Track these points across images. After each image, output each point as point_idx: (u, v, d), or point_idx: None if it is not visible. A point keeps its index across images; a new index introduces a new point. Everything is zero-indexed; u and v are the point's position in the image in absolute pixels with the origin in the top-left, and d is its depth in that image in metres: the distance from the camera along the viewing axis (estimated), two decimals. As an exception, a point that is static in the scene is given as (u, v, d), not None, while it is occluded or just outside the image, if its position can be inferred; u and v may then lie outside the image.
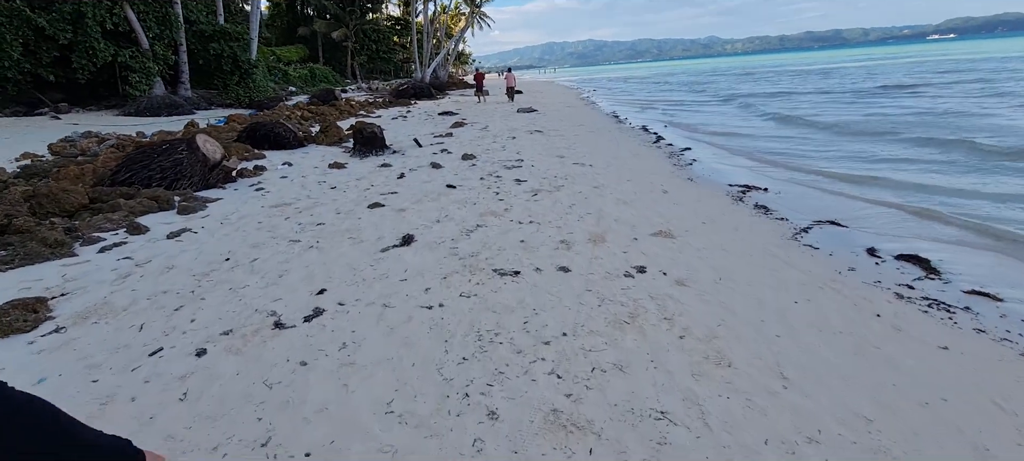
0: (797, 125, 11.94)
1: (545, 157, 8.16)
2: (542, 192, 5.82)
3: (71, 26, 15.98)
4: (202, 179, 6.53)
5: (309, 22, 43.12)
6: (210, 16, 22.54)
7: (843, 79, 29.35)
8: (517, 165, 7.47)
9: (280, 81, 31.81)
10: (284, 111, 16.92)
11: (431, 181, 6.62)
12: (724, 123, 13.57)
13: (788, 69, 51.26)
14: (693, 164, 7.75)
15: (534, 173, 6.88)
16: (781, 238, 4.27)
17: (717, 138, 10.96)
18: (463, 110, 18.79)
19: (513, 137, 10.63)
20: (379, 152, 9.10)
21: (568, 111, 17.63)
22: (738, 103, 18.40)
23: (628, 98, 27.13)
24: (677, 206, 5.25)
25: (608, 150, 8.93)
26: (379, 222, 4.82)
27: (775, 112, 14.84)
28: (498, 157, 8.26)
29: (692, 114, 16.57)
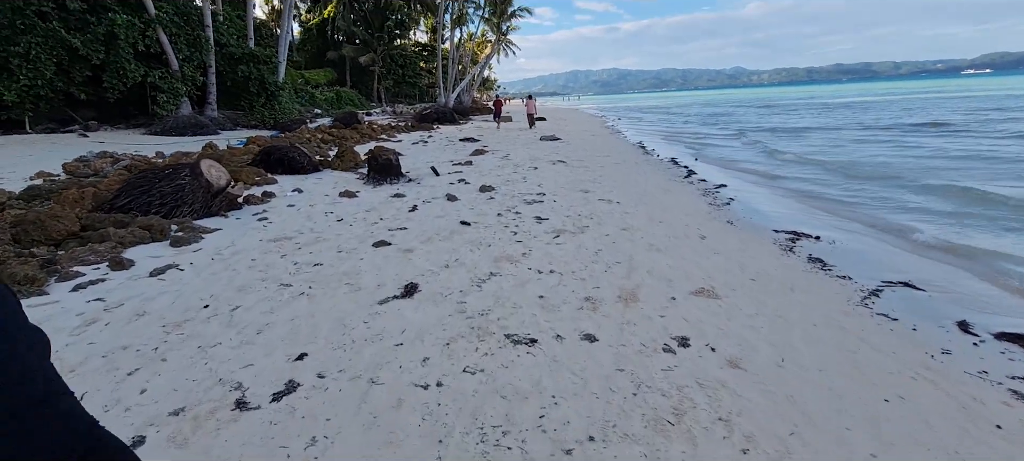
0: (839, 165, 11.12)
1: (568, 191, 7.62)
2: (565, 234, 5.27)
3: (104, 46, 16.35)
4: (204, 206, 6.19)
5: (338, 47, 44.15)
6: (240, 39, 23.04)
7: (880, 113, 28.28)
8: (538, 200, 6.95)
9: (306, 103, 32.34)
10: (305, 133, 16.89)
11: (445, 216, 6.15)
12: (758, 158, 12.85)
13: (820, 102, 50.11)
14: (730, 204, 7.10)
15: (556, 210, 6.35)
16: (848, 303, 3.61)
17: (753, 175, 10.27)
18: (485, 137, 18.50)
19: (535, 167, 10.15)
20: (394, 180, 8.72)
21: (592, 140, 17.16)
22: (771, 137, 17.61)
23: (654, 128, 26.59)
24: (718, 256, 4.62)
25: (636, 185, 8.36)
26: (382, 265, 4.32)
27: (815, 149, 14.01)
28: (518, 190, 7.77)
29: (723, 147, 15.88)
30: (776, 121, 24.78)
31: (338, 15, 44.03)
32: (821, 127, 20.40)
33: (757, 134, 18.08)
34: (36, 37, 14.95)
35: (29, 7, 14.91)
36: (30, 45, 14.86)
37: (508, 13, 38.52)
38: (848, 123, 22.22)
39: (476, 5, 43.15)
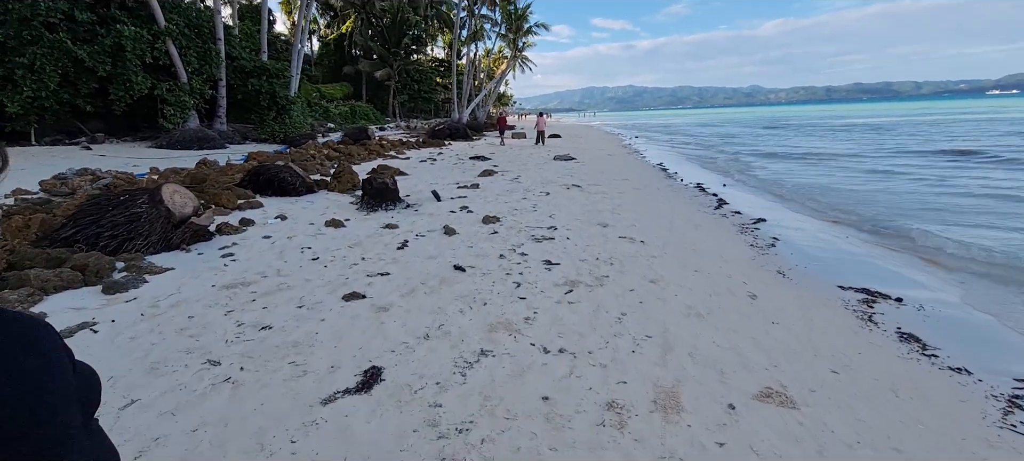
0: (890, 199, 9.89)
1: (584, 225, 6.65)
2: (580, 286, 4.29)
3: (111, 58, 16.01)
4: (163, 239, 5.37)
5: (355, 61, 44.18)
6: (253, 53, 22.75)
7: (915, 134, 26.75)
8: (548, 236, 5.99)
9: (320, 118, 32.06)
10: (310, 149, 16.26)
11: (438, 256, 5.22)
12: (792, 185, 11.67)
13: (844, 122, 48.36)
14: (775, 246, 6.04)
15: (569, 251, 5.37)
16: (983, 420, 2.55)
17: (792, 205, 9.16)
18: (496, 155, 17.67)
19: (547, 193, 9.21)
20: (389, 206, 7.85)
21: (610, 162, 16.17)
22: (801, 164, 16.35)
23: (673, 147, 25.48)
24: (778, 327, 3.59)
25: (661, 217, 7.34)
26: (345, 331, 3.40)
27: (864, 171, 12.71)
28: (526, 221, 6.82)
29: (752, 170, 14.73)
30: (802, 144, 23.40)
31: (356, 30, 44.15)
32: (852, 152, 18.83)
33: (786, 161, 16.73)
34: (42, 48, 14.63)
35: (36, 18, 14.63)
36: (35, 56, 14.55)
37: (524, 29, 38.02)
38: (880, 148, 20.84)
39: (493, 22, 42.87)
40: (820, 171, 13.27)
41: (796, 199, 9.61)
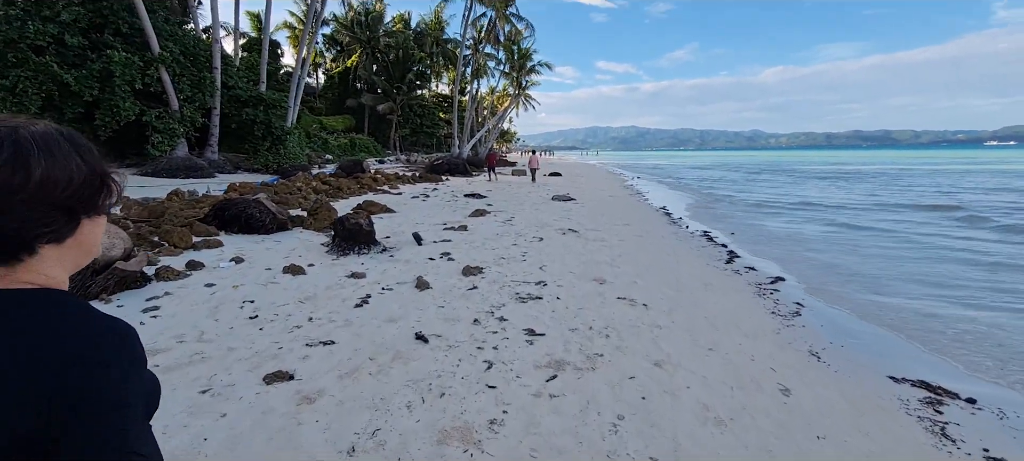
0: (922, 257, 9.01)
1: (578, 280, 5.81)
2: (566, 370, 3.42)
3: (99, 84, 15.60)
4: (79, 287, 4.55)
5: (358, 94, 44.38)
6: (250, 83, 22.51)
7: (919, 186, 26.13)
8: (535, 295, 5.14)
9: (318, 149, 31.73)
10: (297, 181, 15.62)
11: (401, 318, 4.37)
12: (812, 236, 10.68)
13: (847, 169, 48.05)
14: (801, 314, 5.17)
15: (558, 317, 4.52)
16: None
17: (809, 259, 8.32)
18: (493, 193, 16.99)
19: (540, 238, 8.41)
20: (363, 250, 7.04)
21: (611, 203, 15.45)
22: (811, 211, 15.56)
23: (677, 190, 24.83)
24: (825, 442, 2.70)
25: (667, 272, 6.50)
26: (245, 435, 2.52)
27: (879, 233, 11.53)
28: (513, 274, 5.99)
29: (764, 218, 13.95)
30: (809, 192, 22.68)
31: (360, 65, 44.54)
32: (865, 204, 17.86)
33: (800, 212, 15.69)
34: (26, 71, 14.21)
35: (24, 40, 14.28)
36: (18, 79, 14.11)
37: (528, 68, 38.18)
38: (897, 199, 20.13)
39: (498, 61, 43.24)
40: (832, 225, 12.43)
41: (813, 255, 8.77)
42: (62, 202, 0.63)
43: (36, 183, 0.60)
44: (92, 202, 0.67)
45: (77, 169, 0.64)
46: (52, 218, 0.63)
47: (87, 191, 0.66)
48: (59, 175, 0.62)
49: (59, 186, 0.62)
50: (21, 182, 0.59)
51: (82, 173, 0.64)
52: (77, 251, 0.68)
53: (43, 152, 0.61)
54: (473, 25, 35.28)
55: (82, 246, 0.68)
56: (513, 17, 36.15)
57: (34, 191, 0.60)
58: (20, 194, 0.59)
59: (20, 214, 0.60)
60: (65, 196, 0.63)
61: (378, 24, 45.08)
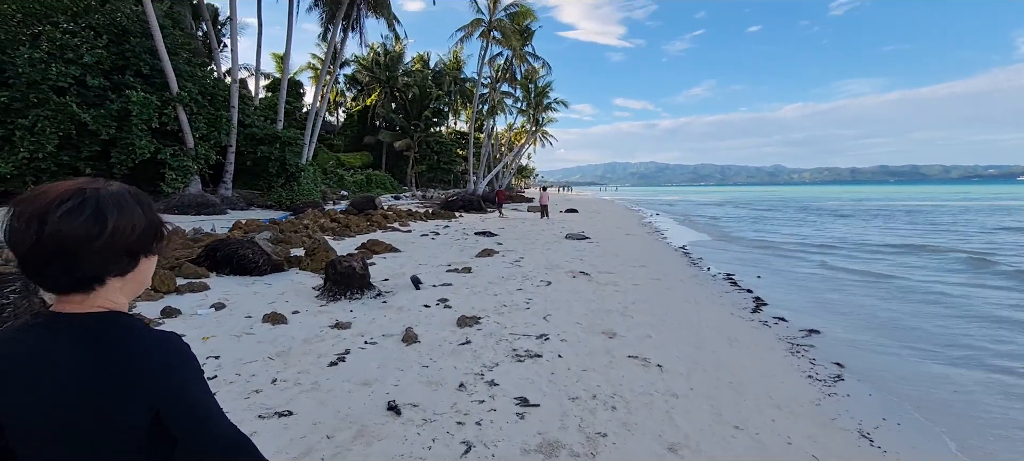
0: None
1: (585, 333, 5.20)
2: (561, 454, 2.82)
3: (116, 123, 15.89)
4: (29, 339, 4.14)
5: (376, 132, 45.12)
6: (267, 121, 22.86)
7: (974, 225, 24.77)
8: (535, 352, 4.55)
9: (334, 185, 31.99)
10: (306, 218, 15.42)
11: (376, 380, 3.82)
12: (847, 281, 9.59)
13: (888, 204, 46.38)
14: (843, 378, 4.45)
15: (557, 381, 3.91)
16: None
17: (846, 305, 7.53)
18: (506, 231, 16.54)
19: (548, 282, 7.83)
20: (355, 294, 6.57)
21: (626, 242, 14.81)
22: (852, 255, 14.03)
23: (696, 227, 24.01)
24: None
25: (686, 324, 5.84)
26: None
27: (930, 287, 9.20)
28: (513, 324, 5.41)
29: (788, 258, 13.10)
30: (840, 231, 21.53)
31: (379, 103, 45.49)
32: (905, 244, 16.23)
33: (833, 249, 14.57)
34: (46, 111, 14.53)
35: (46, 81, 14.67)
36: (37, 118, 14.42)
37: (544, 105, 38.38)
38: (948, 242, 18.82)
39: (515, 98, 43.66)
40: (868, 269, 11.45)
41: (850, 302, 7.97)
42: (127, 247, 0.81)
43: (109, 233, 0.78)
44: (148, 246, 0.86)
45: (139, 220, 0.82)
46: (119, 258, 0.81)
47: (146, 237, 0.85)
48: (126, 225, 0.80)
49: (125, 234, 0.80)
50: (98, 233, 0.77)
51: (143, 223, 0.83)
52: (135, 283, 0.87)
53: (116, 208, 0.79)
54: (489, 64, 35.80)
55: (138, 279, 0.88)
56: (530, 56, 36.63)
57: (107, 239, 0.78)
58: (97, 242, 0.77)
59: (97, 257, 0.78)
60: (128, 243, 0.81)
61: (397, 64, 46.22)
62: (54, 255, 0.75)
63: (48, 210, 0.74)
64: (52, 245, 0.74)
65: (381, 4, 26.37)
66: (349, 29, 27.88)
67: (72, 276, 0.78)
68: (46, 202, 0.75)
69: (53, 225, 0.74)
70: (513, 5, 32.40)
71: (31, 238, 0.74)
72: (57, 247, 0.74)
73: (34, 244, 0.74)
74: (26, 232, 0.74)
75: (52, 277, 0.77)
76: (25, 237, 0.74)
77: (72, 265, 0.76)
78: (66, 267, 0.76)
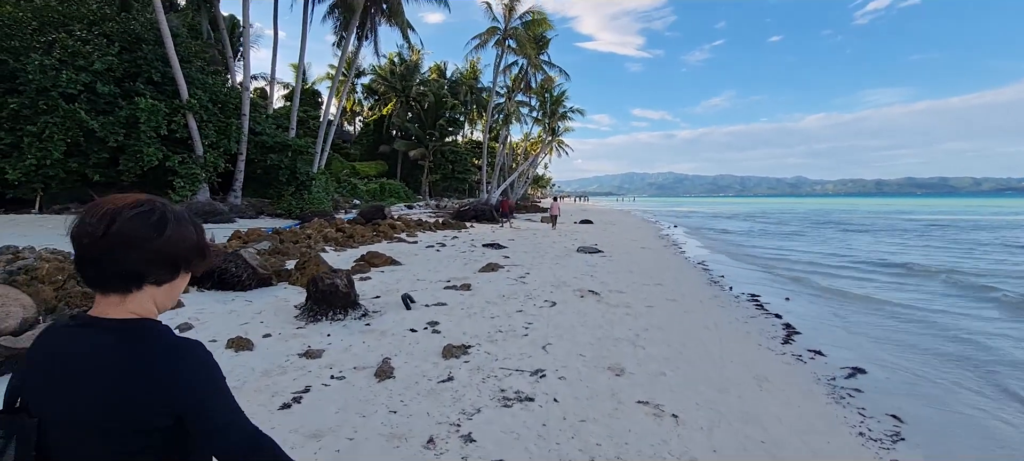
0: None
1: (588, 368, 4.49)
2: (539, 559, 2.12)
3: (124, 130, 15.78)
4: (-54, 369, 3.63)
5: (391, 141, 45.06)
6: (279, 129, 22.71)
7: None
8: (525, 395, 3.86)
9: (347, 194, 31.81)
10: (309, 228, 15.01)
11: (331, 431, 3.19)
12: (889, 303, 8.59)
13: (915, 218, 44.38)
14: (903, 436, 3.65)
15: (548, 434, 3.22)
16: None
17: (890, 334, 6.65)
18: (516, 242, 15.88)
19: (552, 302, 7.14)
20: (338, 315, 5.98)
21: (642, 257, 14.00)
22: (892, 275, 12.33)
23: (717, 240, 22.96)
24: None
25: (706, 358, 5.07)
26: None
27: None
28: (506, 354, 4.73)
29: (819, 277, 12.11)
30: (874, 246, 20.22)
31: (395, 112, 45.49)
32: (950, 263, 15.13)
33: (867, 268, 12.97)
34: (54, 117, 14.47)
35: (56, 88, 14.63)
36: (46, 125, 14.35)
37: (560, 114, 37.78)
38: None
39: (530, 107, 43.16)
40: (914, 293, 10.39)
41: (893, 330, 7.08)
42: (173, 257, 0.93)
43: (165, 239, 0.90)
44: (190, 261, 0.97)
45: (190, 236, 0.95)
46: (163, 266, 0.92)
47: (191, 252, 0.96)
48: (179, 237, 0.93)
49: (177, 244, 0.92)
50: (156, 235, 0.89)
51: (193, 239, 0.96)
52: (167, 296, 0.97)
53: (175, 221, 0.93)
54: (504, 72, 35.41)
55: (171, 293, 0.98)
56: (545, 64, 36.14)
57: (161, 244, 0.90)
58: (153, 243, 0.89)
59: (147, 258, 0.89)
60: (177, 253, 0.93)
61: (413, 73, 46.21)
62: (113, 248, 0.86)
63: (121, 211, 0.88)
64: (116, 239, 0.86)
65: (396, 12, 26.19)
66: (363, 37, 27.79)
67: (119, 271, 0.89)
68: (120, 205, 0.89)
69: (121, 223, 0.87)
70: (528, 14, 32.00)
71: (100, 231, 0.86)
72: (120, 242, 0.86)
73: (101, 237, 0.86)
74: (97, 226, 0.86)
75: (102, 270, 0.88)
76: (95, 230, 0.86)
77: (124, 260, 0.88)
78: (118, 261, 0.88)
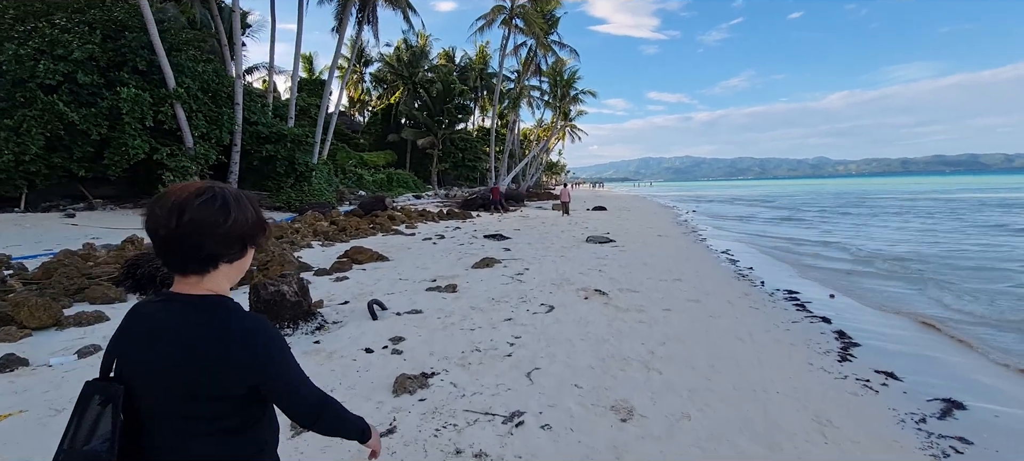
0: None
1: (584, 409, 3.33)
2: None
3: (108, 121, 14.98)
4: None
5: (399, 130, 44.04)
6: (276, 118, 21.80)
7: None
8: (489, 459, 2.73)
9: (352, 185, 30.93)
10: (299, 221, 14.06)
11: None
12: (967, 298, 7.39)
13: (952, 198, 41.84)
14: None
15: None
16: None
17: (972, 352, 5.34)
18: (521, 232, 14.72)
19: (549, 307, 5.97)
20: (284, 328, 4.93)
21: (658, 246, 12.71)
22: (959, 264, 10.61)
23: (742, 227, 21.40)
24: None
25: (743, 390, 3.85)
26: None
27: None
28: (477, 388, 3.61)
29: (863, 269, 10.66)
30: (917, 231, 18.37)
31: (402, 100, 44.40)
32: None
33: (920, 259, 11.08)
34: (33, 110, 13.71)
35: (33, 80, 13.86)
36: (24, 118, 13.60)
37: (571, 96, 36.23)
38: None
39: (541, 91, 41.66)
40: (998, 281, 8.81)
41: (991, 337, 5.74)
42: (241, 237, 1.03)
43: (232, 222, 1.00)
44: (255, 238, 1.08)
45: (251, 215, 1.05)
46: (233, 245, 1.03)
47: (254, 229, 1.07)
48: (242, 218, 1.02)
49: (241, 225, 1.02)
50: (223, 220, 0.98)
51: (254, 217, 1.06)
52: (238, 270, 1.09)
53: (236, 203, 1.02)
54: (514, 53, 33.95)
55: (241, 267, 1.09)
56: (555, 44, 34.58)
57: (230, 228, 1.00)
58: (222, 228, 0.99)
59: (220, 241, 0.99)
60: (243, 233, 1.03)
61: (420, 60, 44.97)
62: (188, 236, 0.96)
63: (188, 201, 0.96)
64: (189, 228, 0.96)
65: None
66: (364, 22, 26.67)
67: (197, 256, 0.99)
68: (186, 195, 0.98)
69: (191, 212, 0.96)
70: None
71: (174, 223, 0.95)
72: (192, 230, 0.96)
73: (175, 227, 0.95)
74: (169, 218, 0.95)
75: (184, 256, 1.00)
76: (168, 221, 0.95)
77: (200, 246, 0.98)
78: (197, 247, 0.98)
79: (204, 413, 0.98)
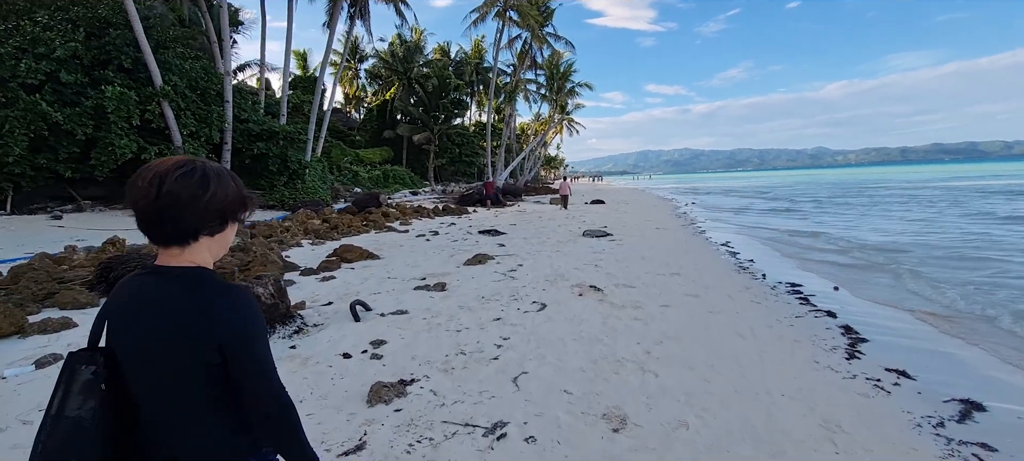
0: None
1: (574, 418, 3.08)
2: None
3: (93, 121, 14.65)
4: None
5: (395, 126, 43.65)
6: (268, 116, 21.47)
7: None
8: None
9: (348, 182, 30.62)
10: (289, 220, 13.78)
11: None
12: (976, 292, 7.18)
13: (953, 185, 41.58)
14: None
15: None
16: None
17: (983, 350, 5.09)
18: (517, 227, 14.45)
19: (542, 305, 5.71)
20: (261, 334, 4.65)
21: (657, 239, 12.44)
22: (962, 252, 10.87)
23: (741, 220, 21.14)
24: None
25: (745, 393, 3.59)
26: None
27: None
28: (459, 395, 3.35)
29: (866, 261, 10.43)
30: (919, 220, 18.17)
31: (397, 96, 44.00)
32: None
33: (922, 248, 11.04)
34: (14, 111, 13.37)
35: (15, 79, 13.52)
36: (4, 119, 13.27)
37: (567, 89, 35.87)
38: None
39: (538, 84, 41.27)
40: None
41: (1011, 334, 5.48)
42: (221, 210, 1.04)
43: (210, 195, 1.00)
44: (236, 213, 1.09)
45: (232, 190, 1.06)
46: (213, 218, 1.03)
47: (235, 204, 1.07)
48: (222, 192, 1.03)
49: (221, 199, 1.03)
50: (202, 193, 0.99)
51: (235, 192, 1.07)
52: (219, 245, 1.09)
53: (216, 177, 1.03)
54: (509, 46, 33.57)
55: (222, 242, 1.10)
56: (550, 36, 34.17)
57: (209, 200, 1.00)
58: (201, 201, 0.99)
59: (199, 214, 1.00)
60: (223, 207, 1.04)
61: (415, 54, 44.52)
62: (168, 208, 0.97)
63: (167, 173, 0.97)
64: (168, 200, 0.96)
65: (388, -13, 24.59)
66: (356, 17, 26.27)
67: (177, 228, 1.00)
68: (166, 168, 0.98)
69: (169, 184, 0.96)
70: (531, -18, 30.03)
71: (153, 194, 0.96)
72: (172, 202, 0.97)
73: (155, 199, 0.96)
74: (149, 190, 0.96)
75: (163, 228, 1.00)
76: (148, 193, 0.96)
77: (178, 219, 0.99)
78: (175, 219, 0.98)
79: (189, 382, 1.00)
